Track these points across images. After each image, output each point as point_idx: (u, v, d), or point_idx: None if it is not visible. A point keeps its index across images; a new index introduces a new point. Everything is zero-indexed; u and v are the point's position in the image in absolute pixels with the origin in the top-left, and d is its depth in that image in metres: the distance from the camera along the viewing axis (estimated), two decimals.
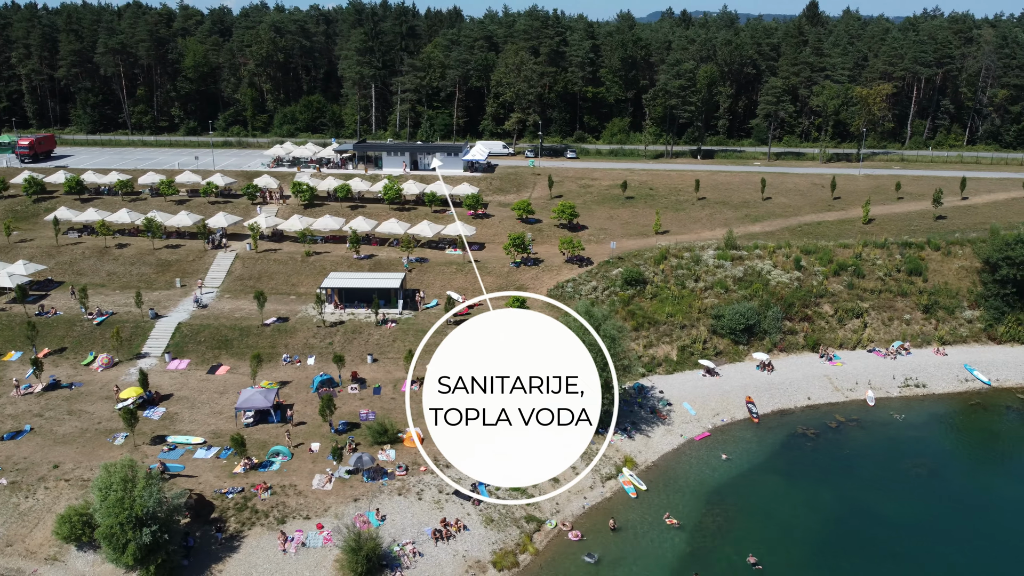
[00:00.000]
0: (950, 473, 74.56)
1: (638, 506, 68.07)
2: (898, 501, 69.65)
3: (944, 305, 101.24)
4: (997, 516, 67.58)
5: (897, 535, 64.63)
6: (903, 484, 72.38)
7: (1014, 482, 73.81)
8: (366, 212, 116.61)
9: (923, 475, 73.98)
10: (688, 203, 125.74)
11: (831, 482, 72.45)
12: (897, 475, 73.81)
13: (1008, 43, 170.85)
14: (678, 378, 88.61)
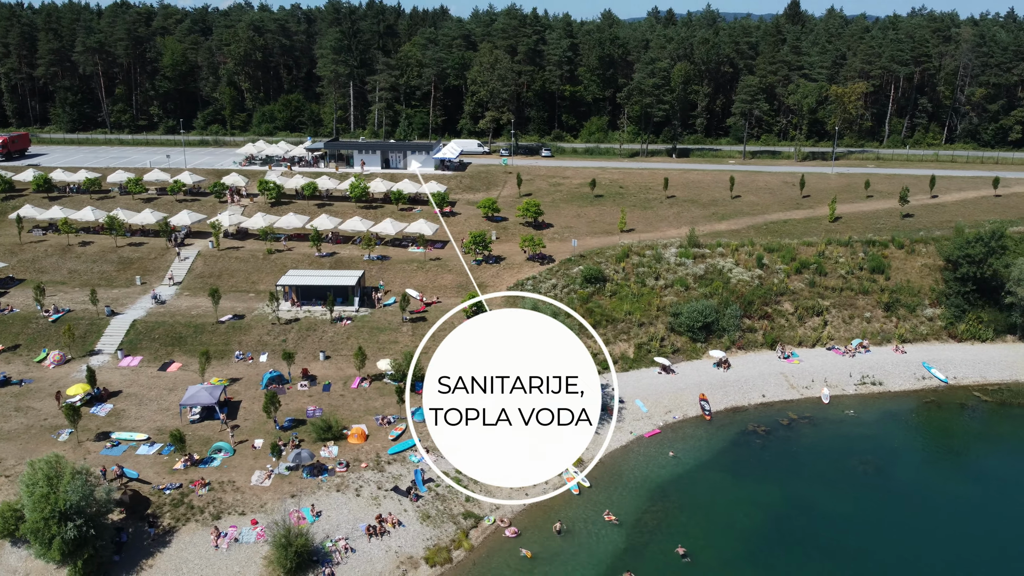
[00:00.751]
0: (897, 470, 74.50)
1: (579, 503, 68.04)
2: (841, 498, 69.64)
3: (905, 303, 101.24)
4: (938, 513, 67.60)
5: (836, 531, 64.63)
6: (848, 481, 72.37)
7: (960, 479, 73.78)
8: (333, 210, 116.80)
9: (869, 472, 73.97)
10: (656, 201, 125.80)
11: (776, 479, 72.44)
12: (843, 472, 73.81)
13: (986, 42, 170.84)
14: (633, 375, 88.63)
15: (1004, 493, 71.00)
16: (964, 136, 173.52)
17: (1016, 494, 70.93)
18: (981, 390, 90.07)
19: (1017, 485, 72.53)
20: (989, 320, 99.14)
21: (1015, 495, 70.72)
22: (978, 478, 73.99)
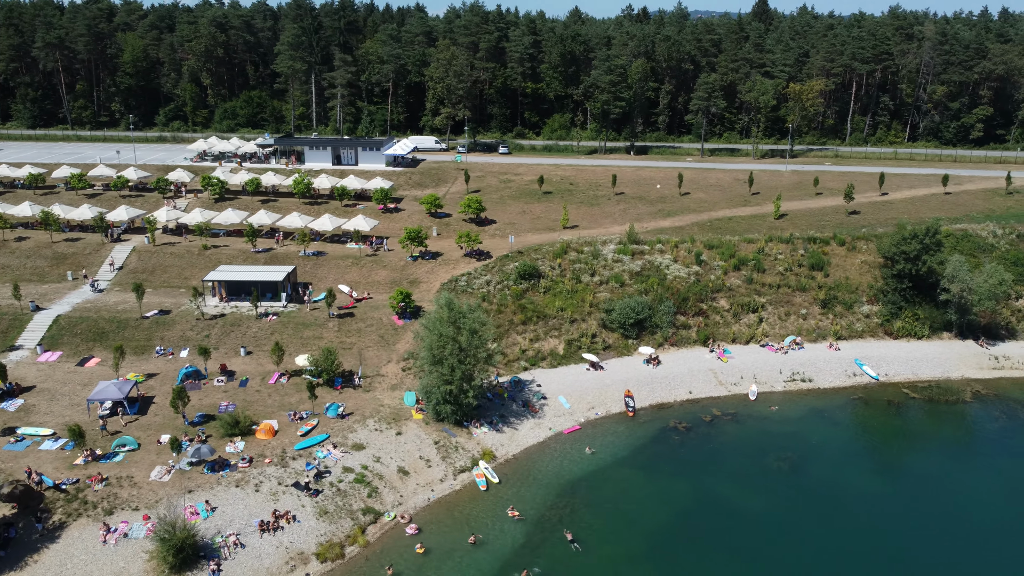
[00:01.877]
0: (812, 467, 74.23)
1: (485, 499, 67.74)
2: (751, 495, 69.43)
3: (843, 300, 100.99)
4: (847, 509, 67.24)
5: (742, 528, 64.43)
6: (762, 478, 72.11)
7: (875, 476, 73.60)
8: (277, 206, 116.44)
9: (784, 469, 73.72)
10: (604, 198, 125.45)
11: (689, 476, 72.16)
12: (759, 469, 73.57)
13: (948, 39, 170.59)
14: (561, 372, 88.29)
15: (918, 489, 70.85)
16: (926, 134, 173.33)
17: (930, 490, 70.73)
18: (911, 387, 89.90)
19: (931, 481, 72.33)
20: (925, 317, 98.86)
21: (929, 491, 70.52)
22: (893, 474, 73.91)
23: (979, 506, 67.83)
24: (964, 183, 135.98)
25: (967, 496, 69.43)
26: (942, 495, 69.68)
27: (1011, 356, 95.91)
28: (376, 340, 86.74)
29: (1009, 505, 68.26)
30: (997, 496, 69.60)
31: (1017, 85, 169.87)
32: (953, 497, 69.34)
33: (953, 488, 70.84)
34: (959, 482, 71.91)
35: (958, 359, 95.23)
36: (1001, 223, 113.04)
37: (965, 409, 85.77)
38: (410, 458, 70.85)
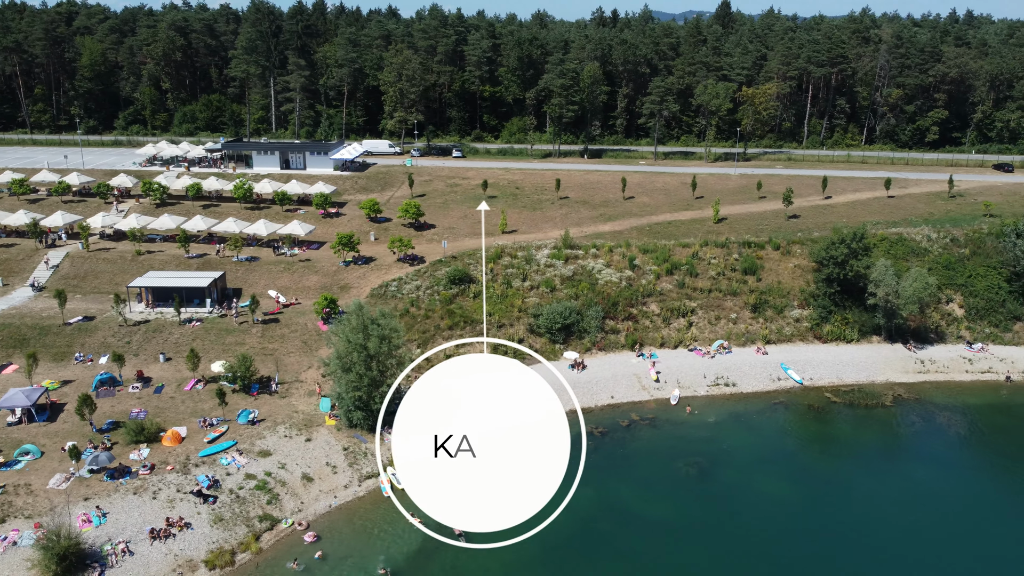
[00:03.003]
0: (721, 473, 74.62)
1: (386, 505, 68.02)
2: (654, 501, 69.75)
3: (774, 304, 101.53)
4: (748, 515, 67.48)
5: (639, 534, 64.66)
6: (667, 484, 72.47)
7: (779, 481, 73.71)
8: (219, 211, 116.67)
9: (692, 475, 74.13)
10: (548, 203, 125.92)
11: (593, 481, 72.31)
12: (667, 475, 73.93)
13: (903, 43, 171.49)
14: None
15: (821, 494, 71.21)
16: (883, 137, 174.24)
17: (833, 495, 71.05)
18: (834, 391, 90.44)
19: (836, 486, 72.74)
20: (854, 321, 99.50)
21: (831, 496, 70.85)
22: (799, 479, 74.19)
23: (879, 511, 68.23)
24: (910, 186, 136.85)
25: (869, 501, 69.86)
26: (844, 500, 70.06)
27: (937, 360, 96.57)
28: (299, 346, 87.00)
29: (909, 510, 68.69)
30: (899, 501, 70.09)
31: (972, 88, 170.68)
32: (855, 502, 69.75)
33: (857, 493, 71.26)
34: (864, 487, 72.41)
35: (884, 363, 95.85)
36: (936, 227, 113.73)
37: (883, 413, 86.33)
38: (316, 464, 71.09)
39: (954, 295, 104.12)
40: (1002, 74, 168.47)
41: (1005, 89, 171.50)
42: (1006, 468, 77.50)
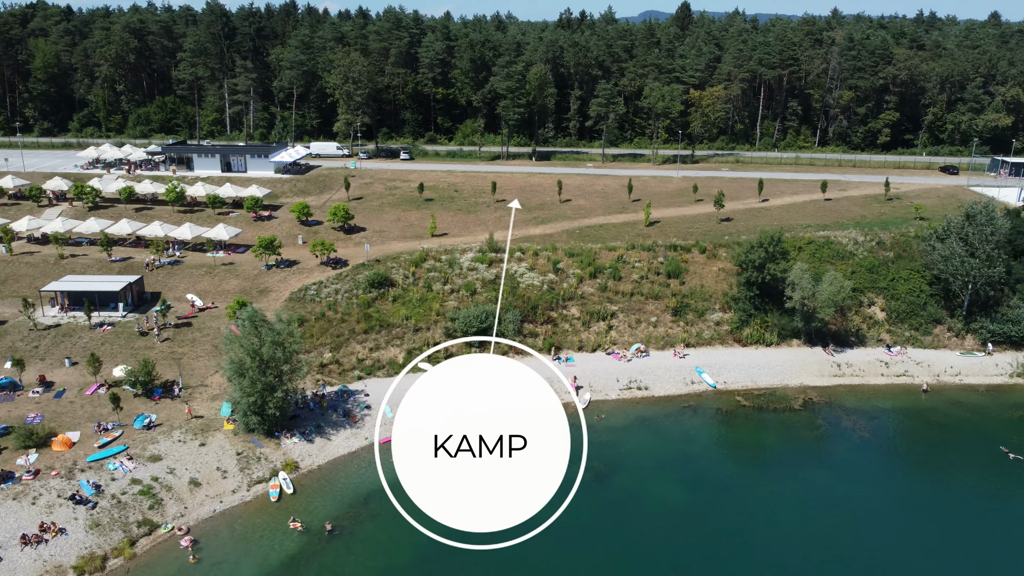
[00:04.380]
0: (617, 477, 74.63)
1: (272, 510, 68.16)
2: (546, 505, 69.69)
3: (695, 308, 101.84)
4: (641, 519, 67.51)
5: (536, 538, 64.72)
6: (562, 488, 72.28)
7: (674, 485, 73.58)
8: (152, 215, 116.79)
9: (586, 480, 74.12)
10: (484, 205, 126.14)
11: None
12: (563, 478, 73.92)
13: (855, 45, 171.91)
14: (396, 381, 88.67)
15: (718, 498, 71.26)
16: (836, 139, 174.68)
17: (731, 498, 71.16)
18: (746, 395, 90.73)
19: (735, 490, 72.76)
20: (774, 324, 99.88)
21: (729, 499, 70.95)
22: (694, 484, 74.04)
23: (773, 515, 68.44)
24: (850, 189, 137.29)
25: (764, 505, 69.95)
26: (739, 505, 70.05)
27: (853, 363, 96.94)
28: (209, 350, 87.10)
29: (804, 514, 68.86)
30: (795, 504, 70.30)
31: (923, 90, 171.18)
32: (749, 506, 69.68)
33: (753, 498, 71.23)
34: (761, 491, 72.43)
35: (801, 366, 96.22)
36: (865, 230, 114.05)
37: (791, 417, 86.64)
38: (206, 469, 71.23)
39: (876, 298, 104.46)
40: (953, 76, 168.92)
41: (957, 91, 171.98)
42: (909, 472, 78.02)
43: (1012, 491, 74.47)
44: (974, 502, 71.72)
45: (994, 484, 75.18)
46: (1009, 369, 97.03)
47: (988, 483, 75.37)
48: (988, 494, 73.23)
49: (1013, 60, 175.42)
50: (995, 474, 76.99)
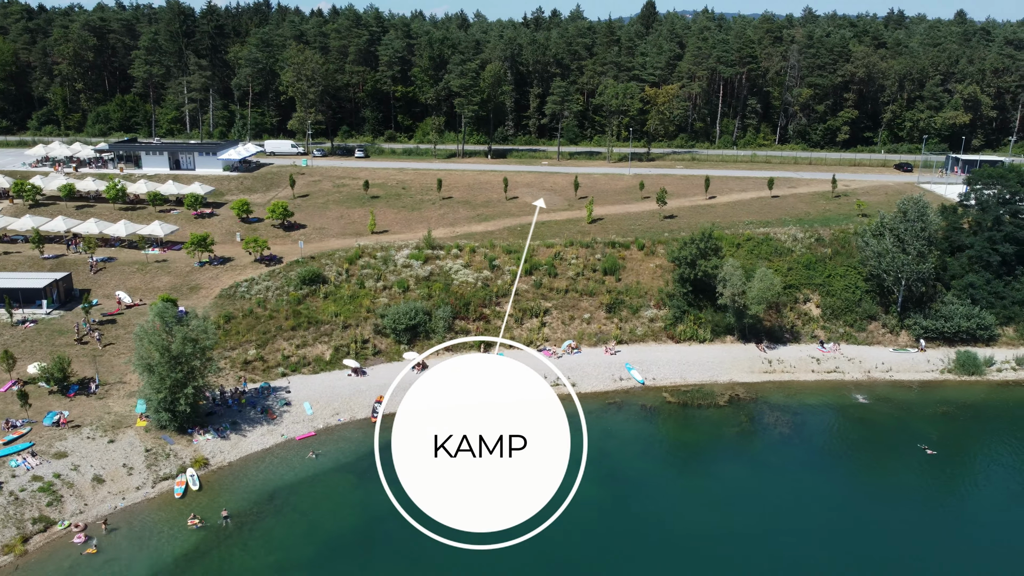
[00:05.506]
0: None
1: (174, 506, 67.91)
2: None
3: (630, 304, 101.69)
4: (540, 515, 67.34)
5: (425, 538, 64.48)
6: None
7: (587, 482, 73.13)
8: (94, 212, 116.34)
9: None
10: (429, 203, 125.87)
11: (398, 481, 72.27)
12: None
13: (814, 43, 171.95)
14: (322, 378, 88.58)
15: (629, 494, 71.16)
16: (795, 137, 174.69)
17: (643, 494, 71.14)
18: (673, 391, 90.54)
19: (647, 486, 72.69)
20: (708, 321, 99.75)
21: (642, 495, 70.91)
22: (609, 479, 73.71)
23: (683, 510, 68.69)
24: (800, 186, 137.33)
25: (676, 501, 70.19)
26: (649, 501, 70.00)
27: (784, 359, 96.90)
28: (132, 347, 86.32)
29: (714, 509, 68.89)
30: (702, 501, 70.32)
31: (883, 88, 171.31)
32: (660, 503, 69.80)
33: (663, 494, 71.43)
34: (670, 487, 72.72)
35: (732, 362, 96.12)
36: (805, 227, 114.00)
37: (715, 413, 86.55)
38: (112, 466, 70.87)
39: (812, 295, 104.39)
40: (912, 74, 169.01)
41: (917, 89, 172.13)
42: (825, 468, 77.85)
43: (925, 486, 74.59)
44: (886, 497, 71.89)
45: (908, 479, 75.31)
46: (940, 365, 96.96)
47: (902, 478, 75.54)
48: (901, 489, 73.38)
49: (972, 58, 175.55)
50: (911, 470, 77.05)
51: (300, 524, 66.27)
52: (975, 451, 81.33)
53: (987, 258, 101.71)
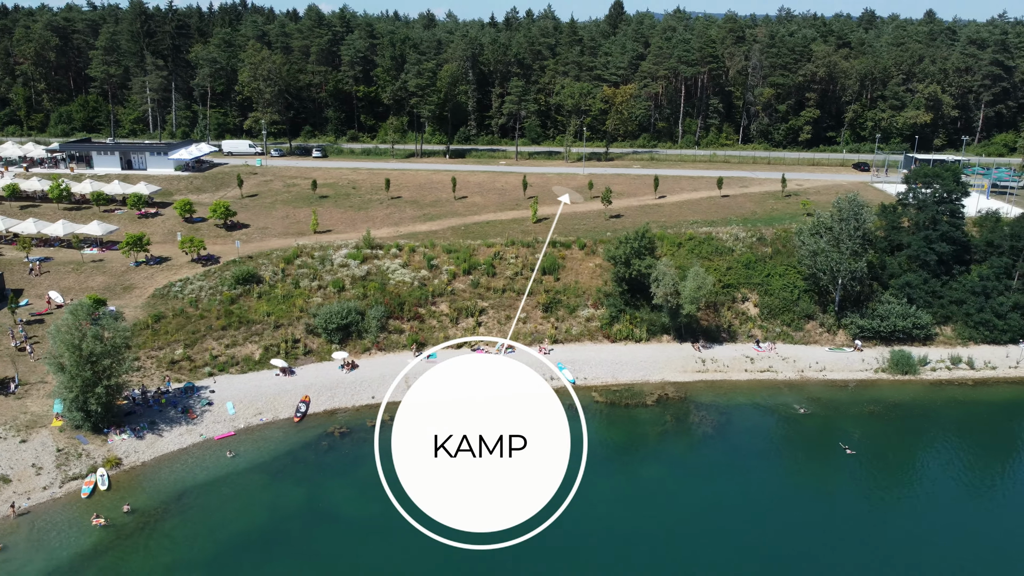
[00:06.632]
0: None
1: (80, 506, 67.66)
2: (357, 503, 69.47)
3: (567, 304, 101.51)
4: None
5: (345, 536, 64.53)
6: (376, 486, 71.86)
7: None
8: (38, 212, 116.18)
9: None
10: (377, 202, 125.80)
11: (312, 482, 72.29)
12: (389, 478, 73.50)
13: (776, 42, 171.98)
14: (249, 377, 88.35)
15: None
16: (758, 137, 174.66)
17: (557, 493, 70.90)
18: (603, 391, 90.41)
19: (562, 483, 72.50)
20: (644, 320, 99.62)
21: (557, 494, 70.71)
22: None
23: (592, 510, 68.36)
24: (752, 185, 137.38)
25: (583, 501, 69.69)
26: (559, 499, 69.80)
27: (718, 359, 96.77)
28: None
29: (625, 508, 68.76)
30: (614, 500, 70.07)
31: (845, 87, 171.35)
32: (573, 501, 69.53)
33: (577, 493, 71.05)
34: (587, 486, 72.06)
35: (666, 362, 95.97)
36: (748, 226, 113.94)
37: (640, 413, 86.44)
38: (20, 465, 70.68)
39: (750, 294, 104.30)
40: (873, 73, 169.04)
41: (879, 88, 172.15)
42: (744, 467, 77.18)
43: (839, 486, 74.46)
44: (798, 496, 71.95)
45: (824, 479, 75.27)
46: (875, 364, 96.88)
47: (818, 478, 75.50)
48: (814, 489, 73.41)
49: (935, 58, 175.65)
50: (829, 469, 77.00)
51: (204, 523, 66.09)
52: (895, 451, 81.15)
53: (924, 257, 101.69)
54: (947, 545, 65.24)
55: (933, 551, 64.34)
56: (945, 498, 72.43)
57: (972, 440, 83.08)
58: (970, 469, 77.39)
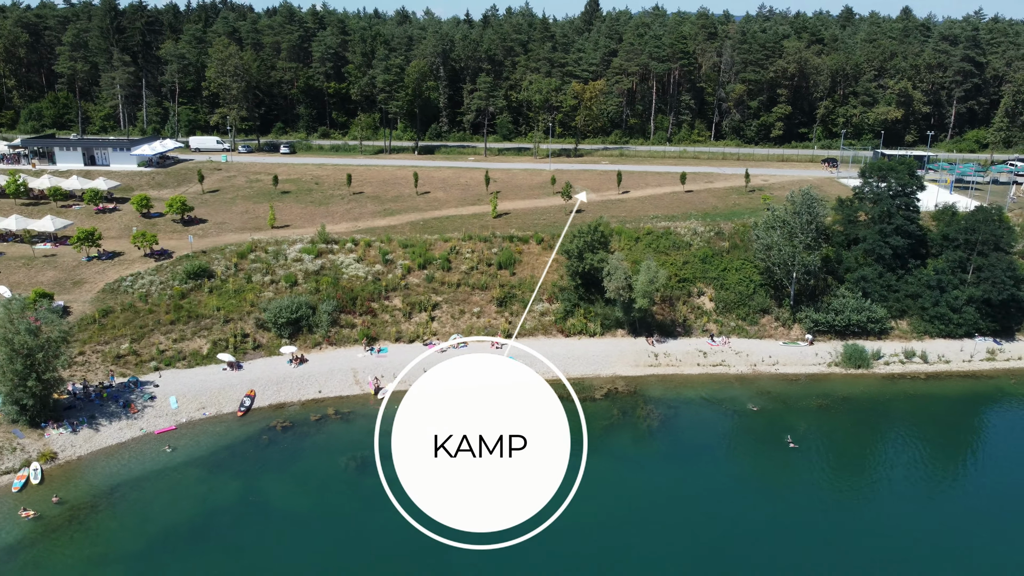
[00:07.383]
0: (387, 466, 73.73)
1: (8, 500, 67.16)
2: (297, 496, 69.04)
3: (522, 299, 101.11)
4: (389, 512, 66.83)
5: (278, 528, 64.15)
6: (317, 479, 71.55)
7: None
8: None
9: (350, 469, 73.46)
10: (338, 198, 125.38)
11: (248, 475, 71.76)
12: (326, 469, 73.18)
13: (747, 38, 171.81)
14: (196, 372, 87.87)
15: None
16: (731, 133, 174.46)
17: None
18: (553, 385, 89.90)
19: None
20: (598, 314, 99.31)
21: None
22: None
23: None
24: (717, 181, 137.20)
25: None
26: None
27: (671, 353, 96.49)
28: None
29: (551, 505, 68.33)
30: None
31: (816, 84, 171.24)
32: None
33: None
34: None
35: (619, 356, 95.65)
36: (707, 221, 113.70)
37: (587, 407, 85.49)
38: None
39: (706, 288, 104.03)
40: (844, 70, 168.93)
41: (851, 85, 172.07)
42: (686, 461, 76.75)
43: (782, 478, 74.11)
44: (735, 490, 71.52)
45: (767, 472, 75.01)
46: (828, 358, 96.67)
47: (757, 471, 75.20)
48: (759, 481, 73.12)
49: (907, 54, 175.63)
50: (769, 463, 76.71)
51: (134, 516, 65.63)
52: (840, 444, 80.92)
53: (879, 251, 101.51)
54: (888, 536, 64.84)
55: (874, 542, 63.97)
56: (887, 491, 72.16)
57: (920, 433, 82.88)
58: (916, 462, 77.20)
